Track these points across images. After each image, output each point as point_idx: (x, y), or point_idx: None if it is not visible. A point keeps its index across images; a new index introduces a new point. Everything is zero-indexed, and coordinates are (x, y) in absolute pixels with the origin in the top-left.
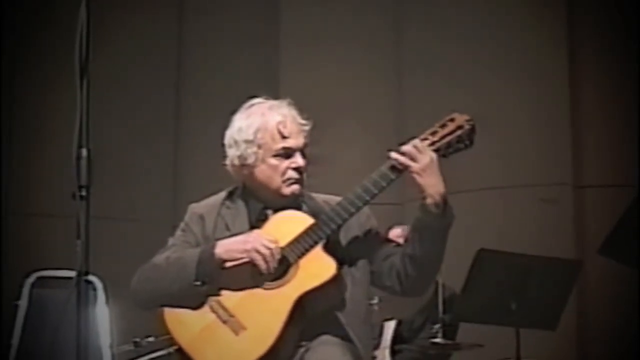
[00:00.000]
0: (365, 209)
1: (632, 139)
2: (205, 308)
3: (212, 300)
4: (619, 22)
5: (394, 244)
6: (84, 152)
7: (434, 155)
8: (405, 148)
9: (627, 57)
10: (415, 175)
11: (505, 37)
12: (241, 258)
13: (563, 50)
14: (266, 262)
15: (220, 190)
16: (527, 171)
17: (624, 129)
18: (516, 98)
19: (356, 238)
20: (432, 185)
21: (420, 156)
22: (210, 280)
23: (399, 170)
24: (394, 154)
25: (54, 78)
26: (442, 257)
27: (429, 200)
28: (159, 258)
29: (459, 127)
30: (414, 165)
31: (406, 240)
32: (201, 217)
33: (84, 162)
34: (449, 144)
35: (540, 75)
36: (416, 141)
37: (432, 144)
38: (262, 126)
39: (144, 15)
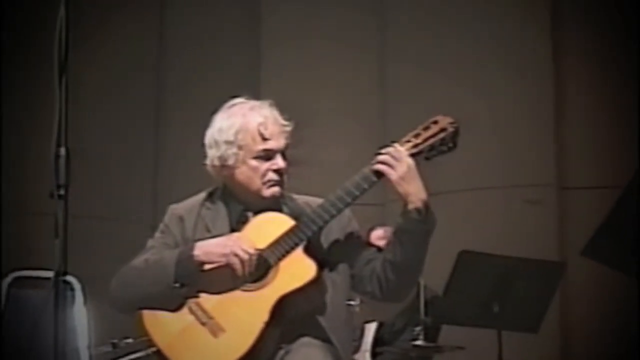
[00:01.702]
0: (347, 212)
1: (617, 141)
2: (184, 310)
3: (191, 301)
4: (603, 23)
5: (375, 248)
6: (63, 151)
7: (411, 161)
8: (382, 157)
9: (610, 58)
10: (396, 185)
11: (488, 37)
12: (219, 261)
13: (548, 52)
14: (243, 267)
15: (201, 190)
16: (511, 172)
17: (609, 130)
18: (500, 99)
19: (337, 241)
20: (413, 192)
21: (397, 164)
22: (189, 281)
23: (381, 173)
24: (374, 165)
25: (35, 76)
26: (423, 262)
27: (410, 206)
28: (138, 261)
29: (443, 130)
30: (392, 174)
31: (387, 245)
32: (181, 218)
33: (62, 161)
34: (432, 147)
35: (525, 76)
36: (391, 149)
37: (415, 146)
38: (243, 127)
39: (126, 15)
